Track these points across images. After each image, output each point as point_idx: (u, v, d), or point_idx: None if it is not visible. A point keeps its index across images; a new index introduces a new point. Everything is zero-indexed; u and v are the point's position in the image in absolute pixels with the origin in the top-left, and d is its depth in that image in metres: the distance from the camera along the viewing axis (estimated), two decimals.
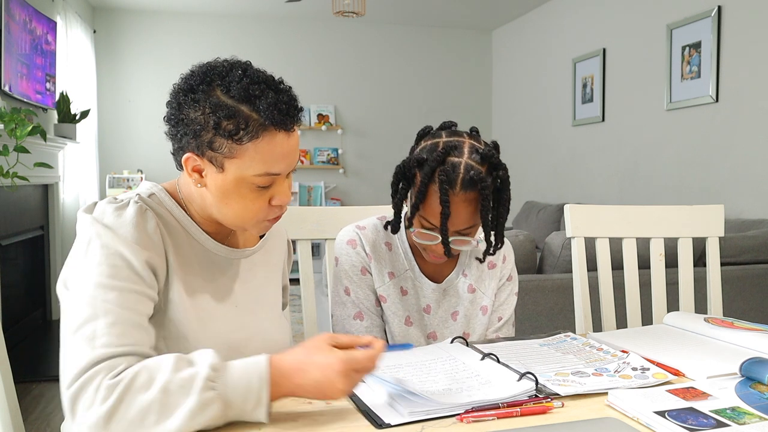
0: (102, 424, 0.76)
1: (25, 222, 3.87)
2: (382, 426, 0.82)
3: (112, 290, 0.86)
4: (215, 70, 0.92)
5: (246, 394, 0.80)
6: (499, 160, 1.16)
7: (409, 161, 1.18)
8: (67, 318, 0.86)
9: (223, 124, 0.88)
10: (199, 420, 0.78)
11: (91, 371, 0.80)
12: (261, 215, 0.96)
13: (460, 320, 1.32)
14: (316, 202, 6.08)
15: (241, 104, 0.89)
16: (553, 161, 5.47)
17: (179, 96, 0.92)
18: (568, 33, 5.22)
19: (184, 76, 0.93)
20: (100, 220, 0.90)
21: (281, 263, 1.19)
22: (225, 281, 1.03)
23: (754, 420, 0.81)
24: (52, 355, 3.63)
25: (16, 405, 1.02)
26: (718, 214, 1.64)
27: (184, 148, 0.93)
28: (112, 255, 0.88)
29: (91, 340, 0.82)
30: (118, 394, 0.77)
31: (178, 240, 0.97)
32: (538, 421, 0.85)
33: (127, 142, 5.71)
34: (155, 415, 0.77)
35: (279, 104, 0.89)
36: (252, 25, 5.97)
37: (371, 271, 1.29)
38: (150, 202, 0.97)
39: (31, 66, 3.78)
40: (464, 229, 1.16)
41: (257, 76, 0.91)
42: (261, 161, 0.90)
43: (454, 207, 1.12)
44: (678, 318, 1.35)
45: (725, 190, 3.64)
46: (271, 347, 1.07)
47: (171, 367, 0.80)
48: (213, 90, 0.90)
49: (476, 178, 1.11)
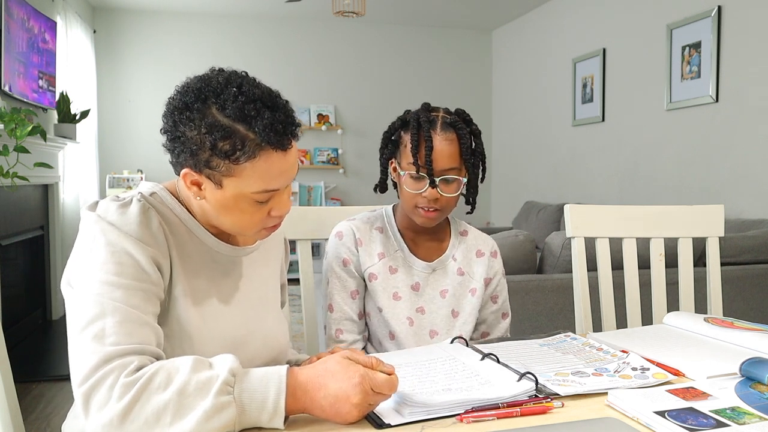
0: (117, 423, 0.76)
1: (25, 222, 3.87)
2: (382, 426, 0.82)
3: (118, 288, 0.86)
4: (210, 86, 0.90)
5: (263, 402, 0.80)
6: (470, 118, 1.33)
7: (394, 125, 1.34)
8: (74, 317, 0.85)
9: (220, 145, 0.87)
10: (214, 423, 0.77)
11: (104, 369, 0.79)
12: (260, 225, 0.98)
13: (449, 298, 1.37)
14: (316, 202, 6.08)
15: (237, 123, 0.88)
16: (553, 161, 5.48)
17: (174, 114, 0.91)
18: (568, 33, 5.22)
19: (179, 90, 0.92)
20: (104, 217, 0.90)
21: (279, 261, 1.20)
22: (227, 279, 1.03)
23: (754, 420, 0.81)
24: (52, 355, 3.63)
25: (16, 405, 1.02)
26: (718, 214, 1.64)
27: (182, 164, 0.92)
28: (117, 252, 0.88)
29: (101, 339, 0.82)
30: (135, 392, 0.77)
31: (180, 238, 0.98)
32: (538, 421, 0.85)
33: (127, 142, 5.71)
34: (170, 416, 0.76)
35: (275, 124, 0.88)
36: (252, 25, 5.97)
37: (358, 256, 1.36)
38: (152, 200, 0.97)
39: (27, 64, 3.77)
40: (448, 169, 1.26)
41: (253, 94, 0.89)
42: (259, 179, 0.90)
43: (436, 144, 1.25)
44: (678, 318, 1.35)
45: (725, 190, 3.64)
46: (272, 345, 1.08)
47: (189, 369, 0.80)
48: (208, 108, 0.89)
49: (453, 122, 1.28)
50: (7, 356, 1.03)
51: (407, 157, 1.28)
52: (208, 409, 0.77)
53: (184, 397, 0.77)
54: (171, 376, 0.79)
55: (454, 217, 1.45)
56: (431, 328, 1.35)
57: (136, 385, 0.78)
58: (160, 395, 0.77)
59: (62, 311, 4.56)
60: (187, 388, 0.78)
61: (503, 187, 6.37)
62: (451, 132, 1.27)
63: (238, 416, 0.79)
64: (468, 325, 1.37)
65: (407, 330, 1.33)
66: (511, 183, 6.22)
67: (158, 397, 0.77)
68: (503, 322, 1.45)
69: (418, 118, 1.28)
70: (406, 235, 1.40)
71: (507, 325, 1.45)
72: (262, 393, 0.80)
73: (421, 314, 1.36)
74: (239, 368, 0.82)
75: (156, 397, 0.77)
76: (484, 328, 1.44)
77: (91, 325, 0.83)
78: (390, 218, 1.41)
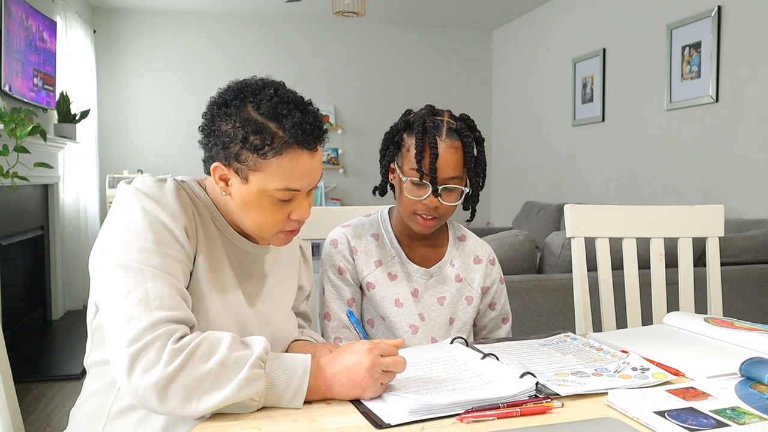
0: (162, 385, 0.83)
1: (25, 222, 3.87)
2: (382, 426, 0.82)
3: (157, 255, 0.91)
4: (249, 87, 0.97)
5: (289, 380, 0.88)
6: (475, 124, 1.30)
7: (396, 126, 1.30)
8: (114, 281, 0.89)
9: (251, 139, 0.94)
10: (246, 391, 0.85)
11: (153, 334, 0.85)
12: (279, 227, 1.02)
13: (447, 305, 1.36)
14: (316, 202, 6.08)
15: (269, 121, 0.94)
16: (553, 161, 5.48)
17: (213, 109, 0.98)
18: (568, 33, 5.22)
19: (221, 91, 0.99)
20: (142, 189, 0.96)
21: (296, 265, 1.23)
22: (242, 270, 1.07)
23: (754, 420, 0.81)
24: (52, 355, 3.63)
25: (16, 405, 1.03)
26: (718, 214, 1.64)
27: (214, 158, 0.98)
28: (154, 223, 0.93)
29: (146, 303, 0.87)
30: (181, 360, 0.84)
31: (205, 221, 1.03)
32: (538, 421, 0.85)
33: (127, 142, 5.71)
34: (209, 385, 0.84)
35: (304, 124, 0.95)
36: (252, 25, 5.97)
37: (354, 264, 1.34)
38: (183, 184, 1.03)
39: (25, 63, 3.77)
40: (451, 178, 1.24)
41: (287, 97, 0.97)
42: (283, 176, 0.96)
43: (441, 151, 1.22)
44: (678, 318, 1.35)
45: (725, 190, 3.64)
46: (280, 339, 1.12)
47: (228, 345, 0.87)
48: (245, 105, 0.96)
49: (459, 129, 1.25)
50: (7, 356, 1.04)
51: (410, 162, 1.24)
52: (242, 380, 0.84)
53: (224, 369, 0.85)
54: (214, 348, 0.86)
55: (452, 222, 1.43)
56: (431, 335, 1.34)
57: (183, 353, 0.84)
58: (203, 365, 0.84)
59: (62, 311, 4.56)
60: (227, 361, 0.85)
61: (503, 187, 6.37)
62: (457, 140, 1.23)
63: (266, 390, 0.86)
64: (463, 334, 1.36)
65: (411, 338, 1.32)
66: (511, 183, 6.22)
67: (201, 367, 0.84)
68: (504, 327, 1.44)
69: (424, 123, 1.23)
70: (402, 240, 1.37)
71: (508, 328, 1.45)
72: (289, 372, 0.89)
73: (422, 320, 1.34)
74: (270, 350, 0.91)
75: (200, 366, 0.84)
76: (484, 333, 1.44)
77: (134, 290, 0.88)
78: (386, 223, 1.38)
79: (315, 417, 0.86)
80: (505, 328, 1.44)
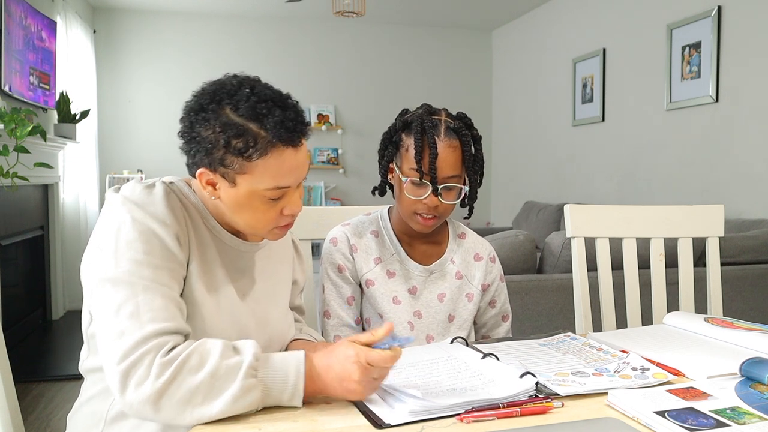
0: (153, 400, 0.82)
1: (25, 222, 3.87)
2: (382, 426, 0.82)
3: (147, 267, 0.89)
4: (224, 89, 0.95)
5: (283, 384, 0.87)
6: (472, 122, 1.30)
7: (394, 126, 1.30)
8: (105, 295, 0.89)
9: (233, 142, 0.92)
10: (241, 404, 0.84)
11: (144, 348, 0.84)
12: (273, 224, 1.01)
13: (447, 302, 1.36)
14: (316, 202, 6.08)
15: (249, 122, 0.92)
16: (553, 161, 5.47)
17: (191, 115, 0.95)
18: (568, 33, 5.22)
19: (195, 95, 0.97)
20: (130, 198, 0.94)
21: (290, 261, 1.22)
22: (236, 270, 1.06)
23: (754, 420, 0.81)
24: (52, 355, 3.63)
25: (16, 405, 1.03)
26: (718, 214, 1.64)
27: (198, 164, 0.96)
28: (144, 232, 0.91)
29: (137, 317, 0.86)
30: (171, 372, 0.83)
31: (196, 223, 1.02)
32: (538, 421, 0.85)
33: (127, 142, 5.71)
34: (202, 397, 0.83)
35: (286, 121, 0.93)
36: (252, 25, 5.96)
37: (354, 263, 1.34)
38: (172, 186, 1.01)
39: (24, 62, 3.76)
40: (450, 176, 1.24)
41: (264, 94, 0.94)
42: (270, 176, 0.94)
43: (440, 150, 1.22)
44: (678, 318, 1.35)
45: (725, 190, 3.64)
46: (276, 337, 1.11)
47: (219, 353, 0.86)
48: (222, 108, 0.93)
49: (457, 128, 1.25)
50: (7, 356, 1.04)
51: (409, 162, 1.24)
52: (236, 392, 0.83)
53: (215, 379, 0.84)
54: (204, 358, 0.85)
55: (452, 220, 1.43)
56: (428, 332, 1.35)
57: (172, 366, 0.83)
58: (194, 377, 0.83)
59: (62, 311, 4.57)
60: (218, 371, 0.84)
61: (503, 187, 6.37)
62: (455, 138, 1.24)
63: (262, 397, 0.86)
64: (463, 331, 1.36)
65: (408, 334, 1.32)
66: (511, 183, 6.22)
67: (192, 378, 0.83)
68: (504, 325, 1.45)
69: (422, 122, 1.24)
70: (402, 238, 1.37)
71: (508, 326, 1.45)
72: (283, 376, 0.87)
73: (419, 318, 1.35)
74: (261, 353, 0.88)
75: (190, 378, 0.83)
76: (484, 331, 1.44)
77: (125, 303, 0.87)
78: (385, 221, 1.39)
79: (315, 417, 0.86)
80: (505, 326, 1.44)
